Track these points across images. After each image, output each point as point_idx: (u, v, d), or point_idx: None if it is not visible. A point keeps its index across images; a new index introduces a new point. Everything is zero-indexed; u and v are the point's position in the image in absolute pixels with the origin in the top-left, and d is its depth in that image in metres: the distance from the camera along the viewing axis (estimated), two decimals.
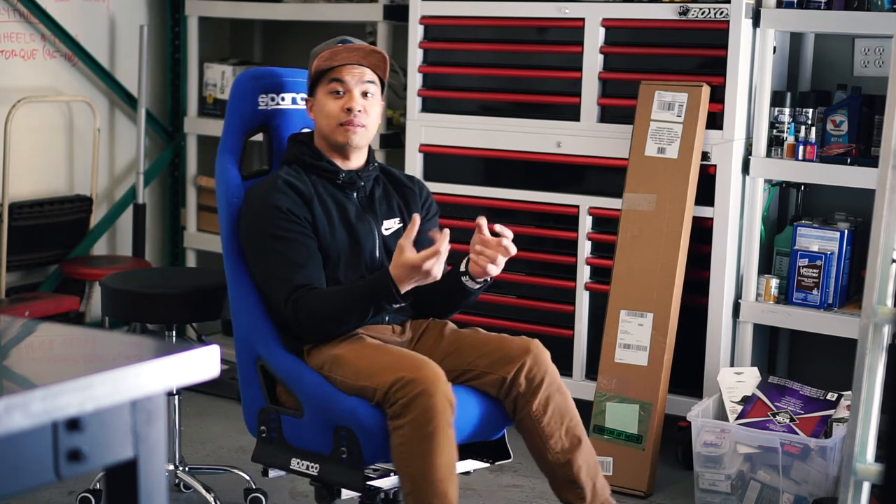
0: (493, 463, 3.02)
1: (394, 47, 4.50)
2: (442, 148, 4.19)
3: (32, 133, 4.60)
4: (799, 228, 3.74)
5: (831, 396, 3.54)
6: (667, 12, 3.76)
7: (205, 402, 4.36)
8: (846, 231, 3.70)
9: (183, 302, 3.36)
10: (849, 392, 3.39)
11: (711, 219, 3.73)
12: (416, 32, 4.19)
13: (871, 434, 2.48)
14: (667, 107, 3.72)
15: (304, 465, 2.87)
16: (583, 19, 3.89)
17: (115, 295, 3.37)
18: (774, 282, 3.76)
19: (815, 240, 3.71)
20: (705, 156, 3.72)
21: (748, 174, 3.73)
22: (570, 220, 3.98)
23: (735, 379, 3.62)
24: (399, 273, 2.72)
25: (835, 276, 3.68)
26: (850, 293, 3.77)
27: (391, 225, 3.02)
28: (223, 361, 1.78)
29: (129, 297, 3.36)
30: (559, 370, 2.89)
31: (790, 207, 3.97)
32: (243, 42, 5.35)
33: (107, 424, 1.47)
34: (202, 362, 1.54)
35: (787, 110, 3.74)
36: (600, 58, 3.89)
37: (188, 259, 5.08)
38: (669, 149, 3.71)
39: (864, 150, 3.70)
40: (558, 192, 4.01)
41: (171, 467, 3.48)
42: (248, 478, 3.53)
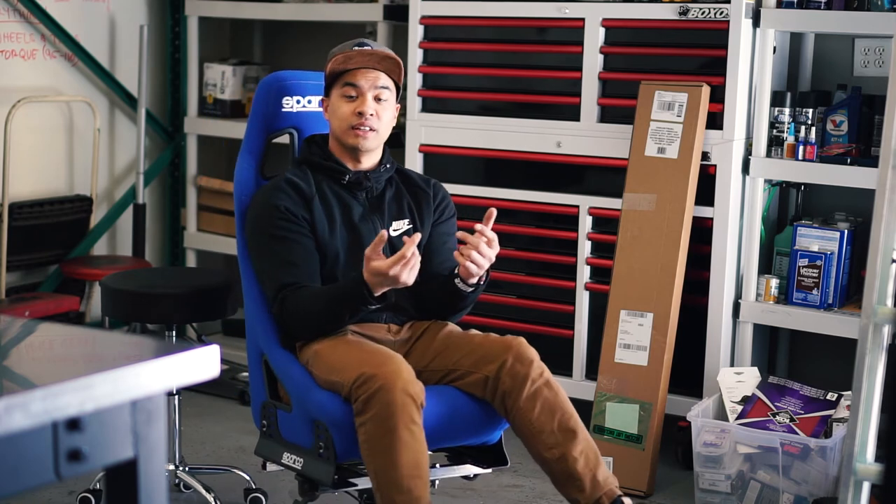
0: (491, 469, 3.00)
1: (394, 47, 4.49)
2: (442, 148, 4.19)
3: (32, 133, 4.60)
4: (799, 228, 3.74)
5: (831, 396, 3.54)
6: (667, 12, 3.77)
7: (205, 402, 4.36)
8: (846, 231, 3.70)
9: (183, 302, 3.37)
10: (849, 392, 3.39)
11: (711, 219, 3.73)
12: (416, 32, 4.19)
13: (871, 434, 2.48)
14: (667, 107, 3.72)
15: (291, 458, 2.88)
16: (583, 19, 3.89)
17: (115, 295, 3.37)
18: (774, 282, 3.76)
19: (815, 240, 3.71)
20: (705, 156, 3.72)
21: (748, 174, 3.73)
22: (570, 220, 3.98)
23: (735, 379, 3.62)
24: (370, 279, 2.74)
25: (835, 276, 3.68)
26: (850, 293, 3.77)
27: (400, 226, 3.03)
28: (223, 361, 1.78)
29: (129, 297, 3.36)
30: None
31: (790, 207, 3.97)
32: (243, 42, 5.35)
33: (107, 424, 1.47)
34: (202, 362, 1.55)
35: (787, 110, 3.74)
36: (600, 58, 3.89)
37: (188, 259, 5.08)
38: (669, 149, 3.71)
39: (864, 150, 3.69)
40: (558, 192, 4.01)
41: (171, 467, 3.48)
42: (248, 478, 3.53)
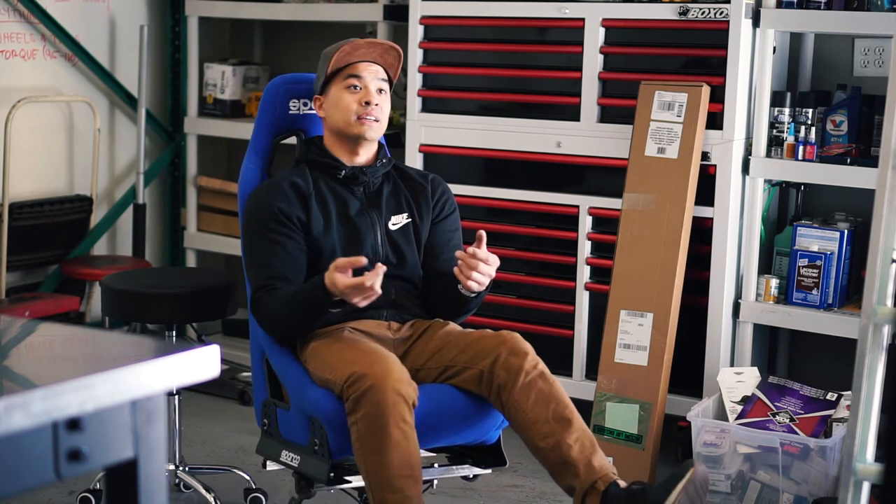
0: (490, 470, 3.00)
1: None
2: (442, 148, 4.19)
3: (32, 133, 4.60)
4: (799, 228, 3.74)
5: (831, 396, 3.54)
6: (667, 12, 3.77)
7: (205, 402, 4.36)
8: (846, 231, 3.70)
9: (183, 302, 3.37)
10: (849, 392, 3.39)
11: (711, 219, 3.73)
12: (416, 32, 4.19)
13: (871, 434, 2.47)
14: (667, 107, 3.72)
15: (289, 456, 2.88)
16: (583, 19, 3.89)
17: (115, 295, 3.37)
18: (774, 282, 3.76)
19: (815, 240, 3.71)
20: (705, 156, 3.72)
21: (748, 174, 3.73)
22: (570, 220, 3.98)
23: (735, 379, 3.62)
24: (330, 286, 2.74)
25: (835, 276, 3.68)
26: (850, 293, 3.77)
27: (399, 220, 3.05)
28: (223, 361, 1.78)
29: (129, 297, 3.36)
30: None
31: (790, 207, 3.97)
32: (243, 42, 5.35)
33: (107, 424, 1.47)
34: (202, 362, 1.55)
35: (786, 110, 3.74)
36: (600, 58, 3.89)
37: (188, 259, 5.08)
38: (669, 149, 3.71)
39: (863, 150, 3.69)
40: (558, 192, 4.01)
41: (171, 467, 3.48)
42: (248, 478, 3.53)
